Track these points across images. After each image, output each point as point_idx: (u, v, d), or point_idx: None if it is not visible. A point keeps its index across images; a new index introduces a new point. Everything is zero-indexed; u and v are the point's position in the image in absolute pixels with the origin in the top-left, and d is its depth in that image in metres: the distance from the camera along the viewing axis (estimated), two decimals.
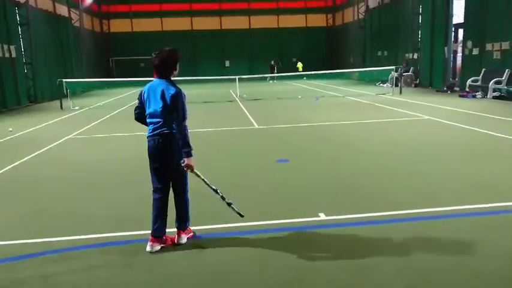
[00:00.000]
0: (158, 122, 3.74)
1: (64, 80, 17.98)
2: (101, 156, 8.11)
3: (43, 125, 12.50)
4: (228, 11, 37.13)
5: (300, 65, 34.11)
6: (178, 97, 3.67)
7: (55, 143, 9.38)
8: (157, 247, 3.81)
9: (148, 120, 3.83)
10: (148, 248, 3.79)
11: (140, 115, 3.93)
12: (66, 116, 14.60)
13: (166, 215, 3.91)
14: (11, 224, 4.71)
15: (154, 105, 3.75)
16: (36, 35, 20.69)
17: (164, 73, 3.76)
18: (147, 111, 3.81)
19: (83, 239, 4.15)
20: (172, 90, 3.68)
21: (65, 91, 17.86)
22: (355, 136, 9.20)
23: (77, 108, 16.69)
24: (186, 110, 3.73)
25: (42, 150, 8.69)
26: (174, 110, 3.67)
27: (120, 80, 25.96)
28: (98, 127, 11.74)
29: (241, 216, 4.02)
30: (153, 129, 3.77)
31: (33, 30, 20.29)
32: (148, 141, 3.82)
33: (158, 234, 3.84)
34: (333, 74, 27.00)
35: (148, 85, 3.86)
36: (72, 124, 12.32)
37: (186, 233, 3.99)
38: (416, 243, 3.81)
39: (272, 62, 31.44)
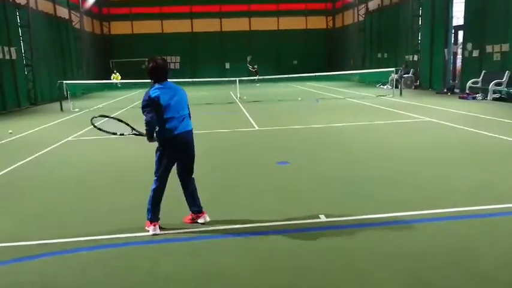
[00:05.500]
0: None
1: (64, 81, 17.99)
2: (101, 157, 8.10)
3: (43, 126, 12.49)
4: (229, 13, 37.17)
5: (116, 76, 31.01)
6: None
7: (55, 145, 9.36)
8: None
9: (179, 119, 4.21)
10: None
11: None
12: (66, 118, 14.59)
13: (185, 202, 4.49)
14: (10, 226, 4.69)
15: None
16: (36, 37, 20.68)
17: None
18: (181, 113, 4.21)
19: (82, 241, 4.13)
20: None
21: (65, 93, 17.87)
22: (356, 138, 9.18)
23: (77, 110, 16.68)
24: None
25: (42, 152, 8.67)
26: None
27: (120, 82, 25.92)
28: None
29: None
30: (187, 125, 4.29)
31: (33, 32, 20.30)
32: (182, 137, 4.20)
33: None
34: (333, 76, 27.02)
35: (163, 89, 4.14)
36: (72, 126, 12.30)
37: (148, 224, 4.32)
38: (416, 244, 3.79)
39: (251, 67, 31.30)
